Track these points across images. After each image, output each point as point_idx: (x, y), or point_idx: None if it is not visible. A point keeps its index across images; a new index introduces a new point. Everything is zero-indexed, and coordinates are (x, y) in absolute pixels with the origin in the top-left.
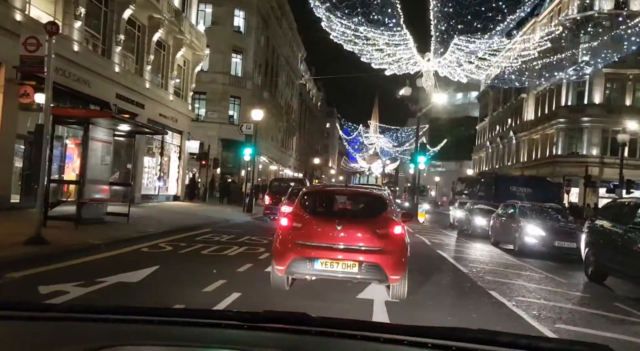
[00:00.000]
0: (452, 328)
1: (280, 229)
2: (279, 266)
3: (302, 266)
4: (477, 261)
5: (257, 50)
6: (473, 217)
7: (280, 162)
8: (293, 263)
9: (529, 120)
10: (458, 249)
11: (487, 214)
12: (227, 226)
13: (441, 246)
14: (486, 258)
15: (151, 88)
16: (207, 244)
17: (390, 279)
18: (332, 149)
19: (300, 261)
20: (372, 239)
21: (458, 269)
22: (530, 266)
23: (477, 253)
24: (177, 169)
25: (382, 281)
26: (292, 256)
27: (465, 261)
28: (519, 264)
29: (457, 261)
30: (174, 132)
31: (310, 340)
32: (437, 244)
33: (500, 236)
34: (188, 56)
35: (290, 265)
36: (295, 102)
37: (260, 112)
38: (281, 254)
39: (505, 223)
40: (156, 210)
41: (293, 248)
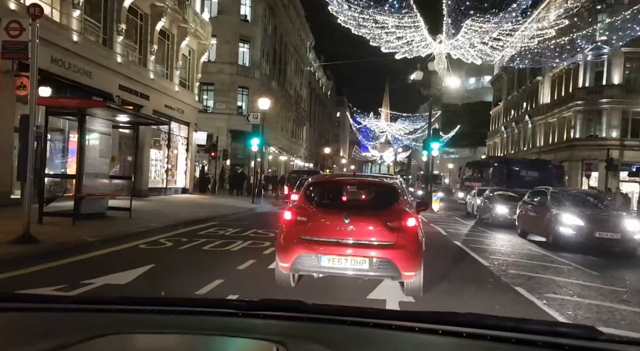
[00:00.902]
0: (437, 312)
1: (284, 224)
2: (283, 263)
3: (308, 262)
4: (499, 253)
5: (264, 39)
6: (494, 204)
7: (290, 153)
8: (298, 260)
9: (545, 103)
10: (478, 240)
11: (508, 201)
12: (234, 218)
13: (459, 237)
14: (510, 250)
15: (155, 79)
16: (210, 238)
17: (404, 276)
18: (343, 139)
19: (305, 257)
20: (383, 232)
21: (478, 263)
22: (566, 261)
23: (500, 244)
24: (185, 161)
25: (395, 277)
26: (297, 252)
27: (486, 253)
28: (551, 258)
29: (477, 253)
30: (181, 124)
31: (306, 327)
32: (455, 235)
33: (529, 227)
34: (193, 46)
35: (295, 262)
36: (305, 91)
37: (267, 101)
38: (285, 250)
39: (535, 211)
40: (163, 203)
41: (298, 244)
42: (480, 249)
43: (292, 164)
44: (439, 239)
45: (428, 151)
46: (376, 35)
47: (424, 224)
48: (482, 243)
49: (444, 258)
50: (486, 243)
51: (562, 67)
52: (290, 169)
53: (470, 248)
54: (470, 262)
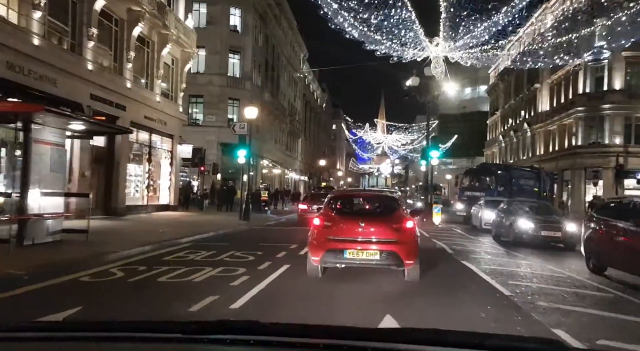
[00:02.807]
0: (397, 328)
1: (314, 227)
2: (314, 257)
3: (334, 256)
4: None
5: (255, 50)
6: (515, 218)
7: (285, 166)
8: (326, 254)
9: (543, 111)
10: (503, 267)
11: (534, 214)
12: (214, 238)
13: (474, 260)
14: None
15: (133, 88)
16: (174, 266)
17: (406, 264)
18: (339, 151)
19: (332, 252)
20: (389, 232)
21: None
22: None
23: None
24: (169, 176)
25: (399, 265)
26: (325, 248)
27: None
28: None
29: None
30: (164, 136)
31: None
32: (464, 254)
33: (614, 259)
34: (176, 54)
35: (324, 256)
36: (299, 103)
37: (254, 110)
38: (316, 247)
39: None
40: (139, 223)
41: (326, 242)
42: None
43: (287, 177)
44: (445, 259)
45: (427, 161)
46: (370, 39)
47: (425, 239)
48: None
49: (456, 287)
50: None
51: (561, 74)
52: (284, 182)
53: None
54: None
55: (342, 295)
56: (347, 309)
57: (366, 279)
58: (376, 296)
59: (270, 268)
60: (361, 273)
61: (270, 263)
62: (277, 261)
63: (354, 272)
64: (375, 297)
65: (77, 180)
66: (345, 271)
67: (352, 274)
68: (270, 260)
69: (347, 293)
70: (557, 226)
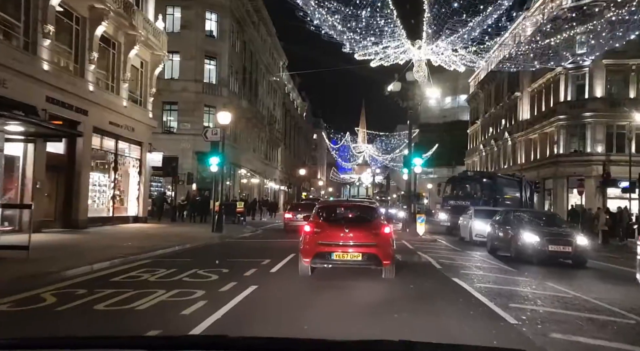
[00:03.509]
0: (364, 341)
1: (305, 233)
2: (305, 258)
3: (322, 258)
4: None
5: (232, 56)
6: (517, 231)
7: (264, 175)
8: (316, 256)
9: (524, 119)
10: (500, 285)
11: (538, 226)
12: (178, 253)
13: (467, 276)
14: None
15: (97, 92)
16: (121, 288)
17: (384, 264)
18: (320, 161)
19: (321, 254)
20: (369, 237)
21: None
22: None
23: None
24: (138, 185)
25: (378, 265)
26: (315, 251)
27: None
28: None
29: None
30: (132, 144)
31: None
32: (454, 270)
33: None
34: (145, 57)
35: (314, 258)
36: (279, 112)
37: (228, 115)
38: (307, 251)
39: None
40: (99, 236)
41: (315, 246)
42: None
43: (267, 187)
44: (435, 279)
45: (409, 169)
46: (350, 39)
47: (408, 251)
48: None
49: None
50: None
51: (542, 82)
52: (264, 192)
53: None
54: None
55: (315, 326)
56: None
57: (345, 308)
58: (354, 328)
59: (235, 290)
60: (338, 299)
61: (235, 283)
62: (243, 281)
63: (331, 297)
64: (353, 329)
65: (30, 190)
66: (322, 296)
67: (329, 299)
68: (236, 280)
69: (320, 322)
70: (567, 239)
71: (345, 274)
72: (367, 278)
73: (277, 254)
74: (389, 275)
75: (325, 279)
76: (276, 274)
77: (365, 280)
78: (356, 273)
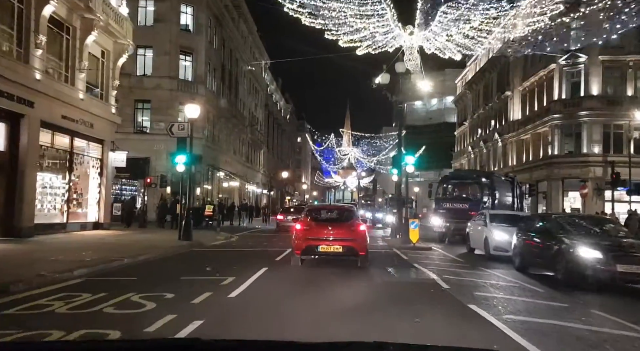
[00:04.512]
0: (335, 342)
1: (297, 231)
2: (297, 251)
3: (310, 250)
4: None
5: (209, 52)
6: (570, 243)
7: (245, 178)
8: (306, 248)
9: (515, 120)
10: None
11: (593, 234)
12: (124, 268)
13: (488, 303)
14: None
15: (46, 81)
16: (6, 327)
17: (359, 254)
18: (304, 165)
19: (309, 247)
20: (348, 233)
21: None
22: None
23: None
24: (98, 188)
25: (356, 255)
26: (305, 244)
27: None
28: None
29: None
30: (91, 141)
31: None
32: (466, 292)
33: None
34: (107, 45)
35: (304, 250)
36: (261, 113)
37: (196, 108)
38: (298, 245)
39: None
40: (40, 246)
41: (305, 240)
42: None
43: (248, 190)
44: (443, 304)
45: (399, 169)
46: (333, 25)
47: (402, 263)
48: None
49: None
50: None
51: (534, 80)
52: (245, 196)
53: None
54: None
55: None
56: None
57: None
58: None
59: (167, 328)
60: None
61: (173, 317)
62: (187, 313)
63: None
64: None
65: None
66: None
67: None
68: (177, 311)
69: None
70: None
71: (328, 306)
72: (360, 311)
73: (246, 268)
74: (364, 264)
75: (301, 320)
76: (235, 301)
77: (358, 313)
78: (345, 303)
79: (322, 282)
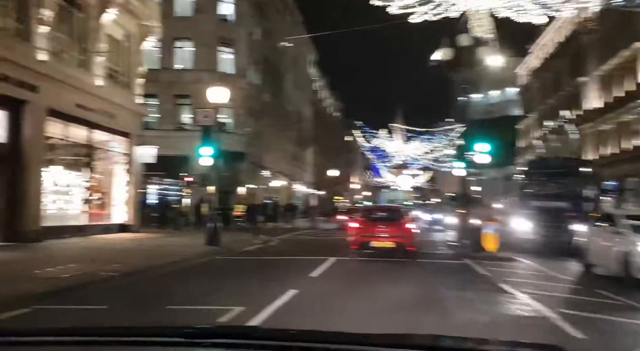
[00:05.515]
0: (393, 334)
1: (354, 229)
2: (353, 246)
3: (365, 245)
4: None
5: (251, 44)
6: None
7: (291, 178)
8: (360, 244)
9: (593, 108)
10: None
11: None
12: (107, 286)
13: None
14: None
15: (53, 63)
16: None
17: (409, 249)
18: (354, 163)
19: (363, 243)
20: (398, 230)
21: None
22: None
23: None
24: (125, 187)
25: (405, 250)
26: (361, 240)
27: None
28: None
29: None
30: (114, 134)
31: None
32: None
33: None
34: (129, 27)
35: (359, 246)
36: (308, 110)
37: (224, 91)
38: (355, 241)
39: None
40: (33, 255)
41: (361, 237)
42: None
43: (295, 190)
44: None
45: (465, 161)
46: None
47: (483, 281)
48: None
49: None
50: None
51: (615, 63)
52: (292, 196)
53: None
54: None
55: None
56: None
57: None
58: None
59: None
60: None
61: None
62: None
63: None
64: None
65: None
66: None
67: None
68: None
69: None
70: None
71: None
72: None
73: (268, 289)
74: (413, 257)
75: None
76: None
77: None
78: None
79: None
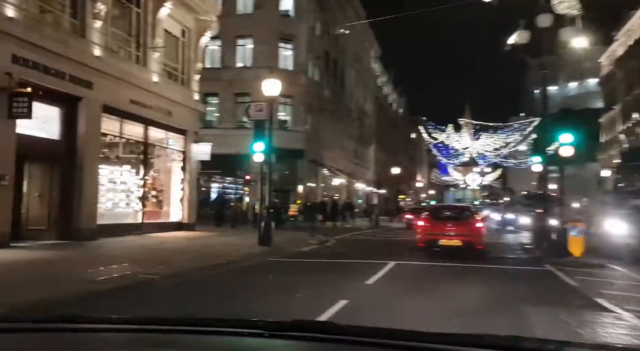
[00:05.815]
0: (463, 334)
1: (420, 227)
2: (420, 243)
3: (432, 243)
4: None
5: (311, 39)
6: None
7: (353, 176)
8: (428, 241)
9: None
10: None
11: None
12: (136, 292)
13: None
14: None
15: (107, 58)
16: None
17: (477, 247)
18: (419, 161)
19: (431, 241)
20: (466, 229)
21: None
22: None
23: None
24: (181, 184)
25: (473, 249)
26: (427, 238)
27: None
28: None
29: None
30: (170, 132)
31: (335, 349)
32: None
33: None
34: (187, 22)
35: (426, 243)
36: (370, 106)
37: (277, 83)
38: (421, 239)
39: None
40: (83, 254)
41: (427, 235)
42: None
43: (356, 188)
44: None
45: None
46: None
47: (573, 294)
48: None
49: None
50: None
51: None
52: (353, 194)
53: None
54: None
55: None
56: None
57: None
58: None
59: None
60: None
61: None
62: None
63: None
64: None
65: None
66: None
67: None
68: None
69: None
70: None
71: None
72: None
73: (317, 301)
74: (482, 254)
75: None
76: None
77: None
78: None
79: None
